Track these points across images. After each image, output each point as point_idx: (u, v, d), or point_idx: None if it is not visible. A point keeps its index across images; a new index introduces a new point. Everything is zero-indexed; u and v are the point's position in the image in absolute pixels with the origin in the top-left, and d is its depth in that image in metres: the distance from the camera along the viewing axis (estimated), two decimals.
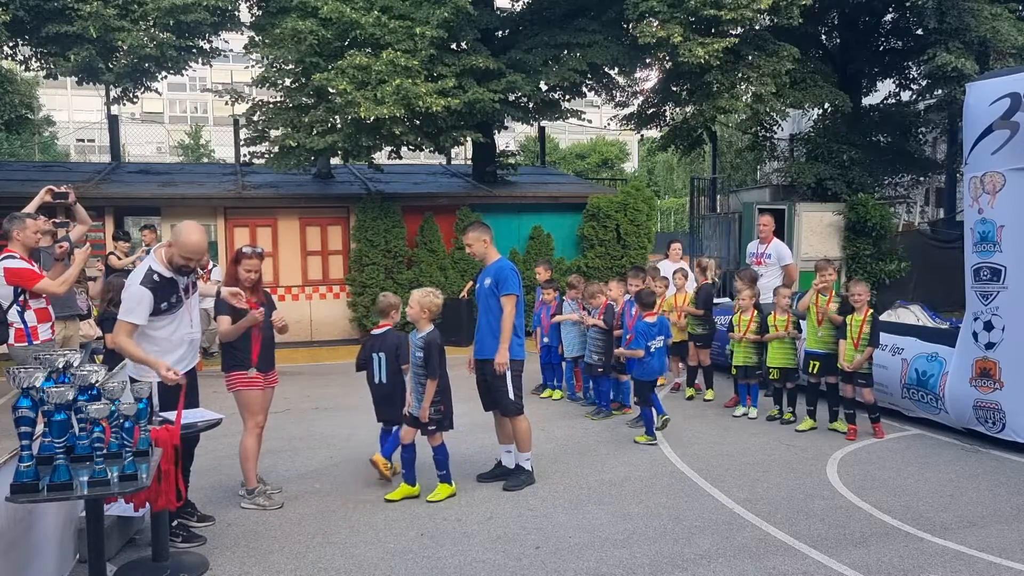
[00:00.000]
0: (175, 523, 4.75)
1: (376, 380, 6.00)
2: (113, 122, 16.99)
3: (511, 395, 5.78)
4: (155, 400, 4.67)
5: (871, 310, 7.15)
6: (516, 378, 5.82)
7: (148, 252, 10.59)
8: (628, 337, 7.48)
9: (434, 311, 5.62)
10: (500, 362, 5.68)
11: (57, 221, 7.57)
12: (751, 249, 9.61)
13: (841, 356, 7.18)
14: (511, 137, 35.70)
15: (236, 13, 13.68)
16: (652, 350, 7.21)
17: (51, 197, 6.59)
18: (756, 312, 8.06)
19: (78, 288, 7.67)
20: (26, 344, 5.94)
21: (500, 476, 5.99)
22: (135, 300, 4.62)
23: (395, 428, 5.96)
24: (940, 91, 15.21)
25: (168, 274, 4.73)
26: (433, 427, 5.56)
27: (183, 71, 13.96)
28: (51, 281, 6.02)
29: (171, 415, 4.57)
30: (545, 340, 9.01)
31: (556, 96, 14.62)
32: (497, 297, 5.76)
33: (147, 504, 4.27)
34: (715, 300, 9.59)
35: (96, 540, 3.82)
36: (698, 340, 8.82)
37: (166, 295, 4.69)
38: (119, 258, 10.42)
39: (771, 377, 7.84)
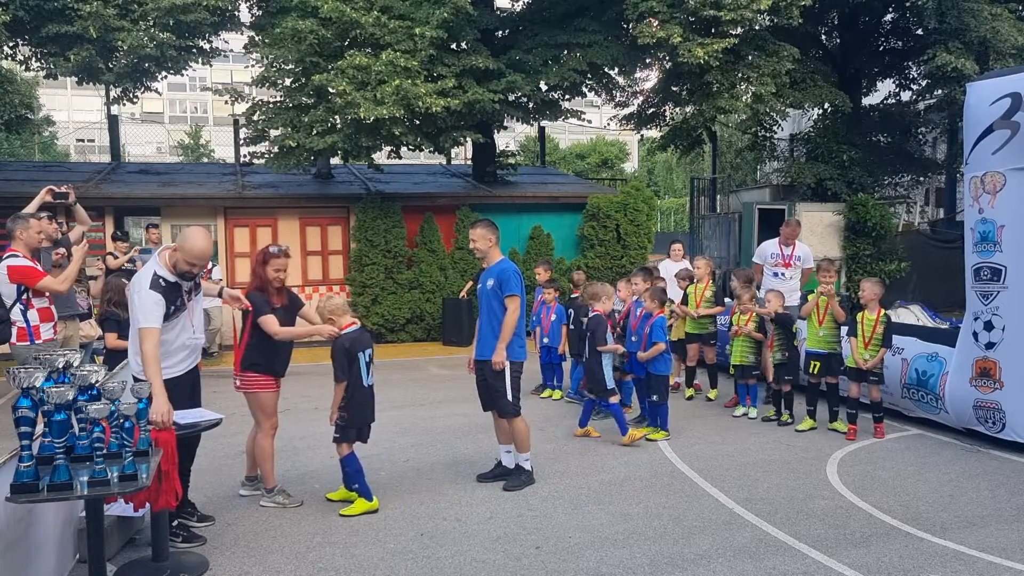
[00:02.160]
0: (175, 523, 4.75)
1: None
2: (113, 122, 17.00)
3: (508, 396, 5.77)
4: None
5: (883, 310, 7.13)
6: (515, 379, 5.82)
7: (144, 251, 10.64)
8: (638, 339, 7.51)
9: (338, 313, 5.34)
10: (497, 360, 5.68)
11: (59, 222, 7.57)
12: (772, 250, 9.18)
13: (853, 352, 7.13)
14: (511, 137, 35.71)
15: (236, 13, 13.69)
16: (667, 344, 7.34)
17: (51, 197, 6.60)
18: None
19: (78, 287, 7.67)
20: (28, 343, 5.95)
21: (500, 476, 6.00)
22: (151, 303, 4.56)
23: (592, 400, 7.33)
24: (940, 91, 15.21)
25: (172, 278, 4.72)
26: (337, 435, 5.35)
27: (183, 71, 13.96)
28: (53, 279, 6.04)
29: (175, 415, 4.56)
30: (545, 340, 9.01)
31: (556, 96, 14.63)
32: (500, 299, 5.75)
33: (147, 504, 4.28)
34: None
35: (96, 540, 3.82)
36: (711, 339, 8.90)
37: (172, 299, 4.68)
38: (116, 258, 10.41)
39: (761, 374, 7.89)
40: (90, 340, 7.98)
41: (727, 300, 9.46)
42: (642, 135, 19.87)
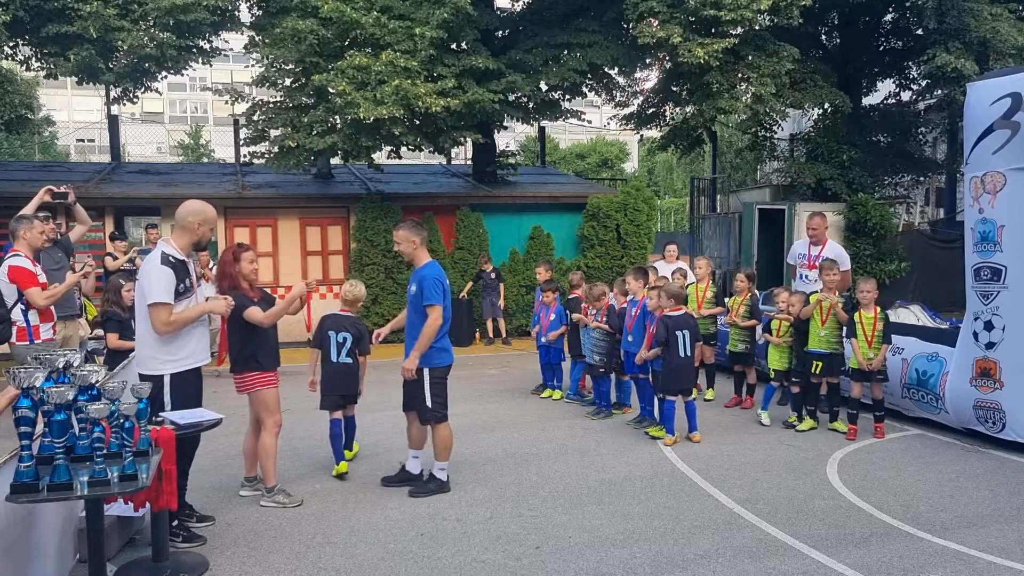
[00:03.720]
0: (175, 523, 4.75)
1: (681, 354, 7.04)
2: (113, 122, 16.99)
3: (428, 402, 5.64)
4: (167, 397, 4.69)
5: (879, 308, 7.13)
6: (435, 385, 5.64)
7: (143, 251, 10.63)
8: (634, 338, 7.51)
9: (348, 299, 6.35)
10: (407, 367, 5.56)
11: (57, 223, 7.58)
12: (799, 250, 8.68)
13: (857, 354, 7.09)
14: (511, 137, 35.69)
15: (236, 13, 13.69)
16: None
17: (51, 197, 6.61)
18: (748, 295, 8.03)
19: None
20: (28, 343, 5.95)
21: (405, 481, 5.87)
22: (161, 280, 4.65)
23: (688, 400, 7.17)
24: (940, 91, 15.21)
25: (181, 257, 4.83)
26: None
27: (183, 71, 13.96)
28: (40, 293, 5.94)
29: (176, 415, 4.57)
30: (544, 340, 9.01)
31: (556, 96, 14.62)
32: (417, 302, 5.61)
33: (147, 504, 4.28)
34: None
35: (96, 540, 3.82)
36: (711, 339, 8.89)
37: (181, 277, 4.77)
38: (115, 258, 10.40)
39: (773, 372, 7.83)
40: (80, 340, 7.95)
41: (726, 300, 9.45)
42: (642, 135, 19.85)
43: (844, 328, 7.37)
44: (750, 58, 13.13)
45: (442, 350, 5.69)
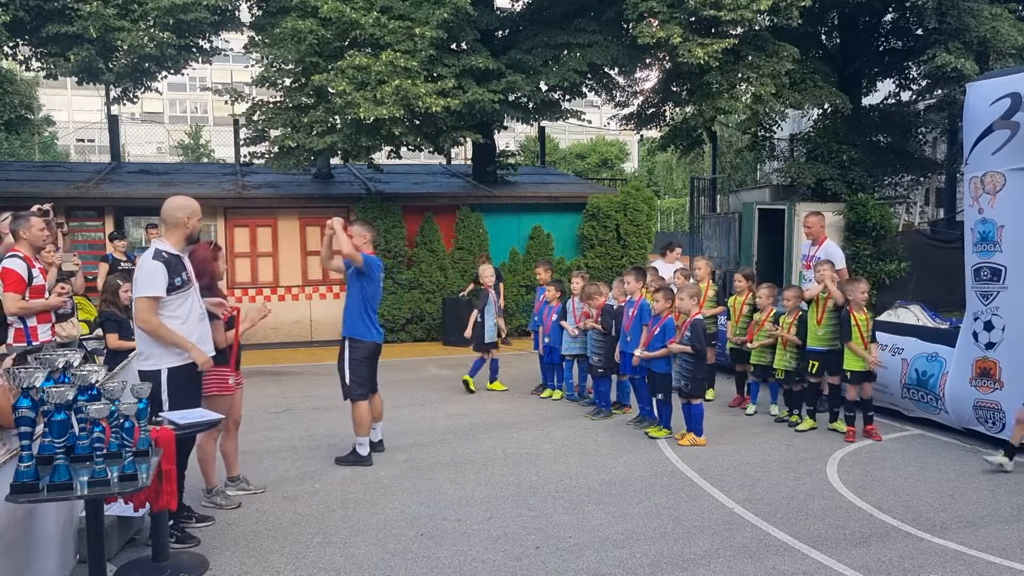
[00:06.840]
0: (170, 523, 4.75)
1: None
2: (113, 122, 16.98)
3: (347, 378, 6.01)
4: (164, 394, 4.69)
5: (866, 309, 7.16)
6: (355, 364, 6.01)
7: (140, 250, 10.63)
8: (632, 338, 7.52)
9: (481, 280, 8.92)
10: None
11: (58, 222, 7.60)
12: (803, 252, 8.78)
13: (864, 355, 7.00)
14: (511, 137, 35.69)
15: (236, 13, 13.68)
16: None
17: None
18: (773, 312, 8.02)
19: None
20: (25, 344, 5.94)
21: (373, 450, 6.42)
22: (150, 274, 4.71)
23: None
24: (940, 91, 15.19)
25: (175, 251, 4.86)
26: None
27: (183, 71, 13.96)
28: (13, 299, 5.88)
29: (175, 415, 4.57)
30: (547, 340, 9.01)
31: (556, 96, 14.61)
32: (353, 280, 6.27)
33: (147, 504, 4.28)
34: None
35: (96, 540, 3.82)
36: (712, 338, 8.86)
37: (177, 271, 4.80)
38: (108, 260, 10.40)
39: (778, 377, 7.80)
40: (73, 340, 7.93)
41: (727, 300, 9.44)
42: (642, 135, 19.84)
43: (841, 331, 7.35)
44: (750, 58, 13.11)
45: (369, 326, 6.22)
